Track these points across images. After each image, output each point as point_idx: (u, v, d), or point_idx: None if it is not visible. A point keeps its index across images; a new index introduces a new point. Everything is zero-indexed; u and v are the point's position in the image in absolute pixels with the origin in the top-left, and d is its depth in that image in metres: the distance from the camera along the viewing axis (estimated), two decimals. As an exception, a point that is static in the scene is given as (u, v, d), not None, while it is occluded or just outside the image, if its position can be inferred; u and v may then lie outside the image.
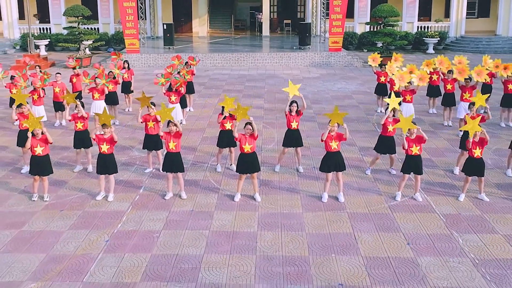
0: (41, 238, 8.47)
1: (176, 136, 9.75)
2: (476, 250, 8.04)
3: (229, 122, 11.06)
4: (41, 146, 9.76)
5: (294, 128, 11.14)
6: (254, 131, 9.56)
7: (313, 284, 7.15)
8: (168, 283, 7.19)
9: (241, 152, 9.67)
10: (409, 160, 9.72)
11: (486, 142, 9.72)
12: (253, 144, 9.67)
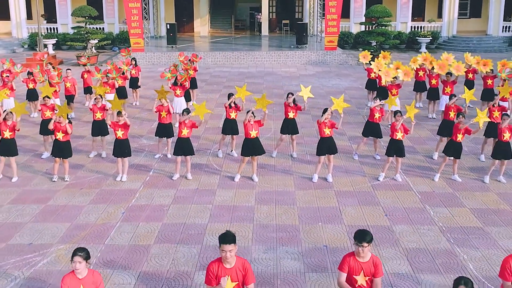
0: (65, 211, 9.69)
1: (190, 124, 10.92)
2: (444, 220, 9.26)
3: (234, 112, 12.29)
4: (62, 132, 10.99)
5: (291, 118, 12.37)
6: (262, 119, 10.80)
7: (302, 246, 8.37)
8: (177, 245, 8.41)
9: (247, 137, 10.85)
10: (393, 144, 10.95)
11: (469, 132, 10.86)
12: (258, 130, 10.89)
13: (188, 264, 7.85)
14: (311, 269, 7.69)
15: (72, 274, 5.41)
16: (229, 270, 5.28)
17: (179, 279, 7.45)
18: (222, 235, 5.27)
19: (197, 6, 35.29)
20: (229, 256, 5.23)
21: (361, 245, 5.37)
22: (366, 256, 5.46)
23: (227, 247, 5.18)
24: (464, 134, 10.86)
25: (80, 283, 5.36)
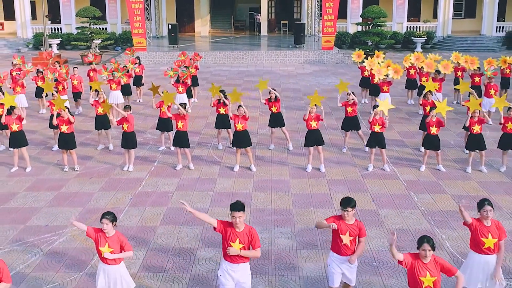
0: (77, 197, 10.49)
1: (183, 117, 11.72)
2: (427, 205, 10.06)
3: (223, 108, 13.08)
4: (66, 125, 11.77)
5: (274, 112, 13.18)
6: (245, 113, 11.56)
7: (295, 227, 9.16)
8: (181, 226, 9.21)
9: (235, 130, 11.67)
10: (373, 136, 11.77)
11: (443, 124, 11.69)
12: (245, 123, 11.65)
13: (191, 242, 8.65)
14: (303, 247, 8.49)
15: (101, 232, 6.24)
16: (239, 233, 6.08)
17: (183, 255, 8.25)
18: (233, 204, 6.09)
19: (198, 6, 36.10)
20: (238, 222, 6.03)
21: (346, 209, 6.16)
22: (351, 219, 6.25)
23: (237, 213, 6.00)
24: (438, 127, 11.63)
25: (106, 240, 6.17)
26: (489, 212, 6.34)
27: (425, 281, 5.54)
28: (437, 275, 5.55)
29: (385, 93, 15.91)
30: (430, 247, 5.51)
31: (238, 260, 6.14)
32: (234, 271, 6.16)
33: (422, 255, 5.55)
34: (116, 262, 6.31)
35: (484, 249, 6.40)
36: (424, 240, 5.57)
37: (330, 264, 6.52)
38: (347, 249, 6.34)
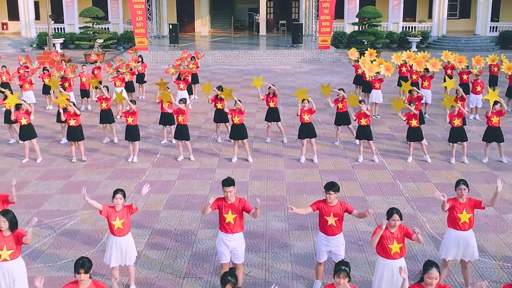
0: (86, 185, 11.11)
1: (183, 112, 12.47)
2: (411, 192, 10.82)
3: (220, 103, 13.82)
4: (73, 119, 12.52)
5: (272, 107, 13.92)
6: (241, 108, 12.31)
7: (288, 212, 9.89)
8: (183, 210, 9.96)
9: (232, 123, 12.42)
10: (360, 129, 12.54)
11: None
12: (241, 117, 12.39)
13: (192, 224, 9.41)
14: (295, 228, 9.25)
15: (112, 208, 6.97)
16: (230, 205, 6.90)
17: (184, 235, 9.00)
18: (224, 180, 6.88)
19: (198, 7, 36.87)
20: (229, 196, 6.83)
21: (329, 192, 6.90)
22: (333, 201, 6.98)
23: (228, 188, 6.80)
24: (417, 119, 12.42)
25: (117, 214, 6.92)
26: (464, 190, 7.11)
27: (392, 248, 6.31)
28: (402, 242, 6.33)
29: (377, 90, 16.65)
30: (398, 217, 6.28)
31: (233, 230, 6.93)
32: (229, 240, 6.95)
33: (392, 224, 6.32)
34: (125, 232, 7.06)
35: (460, 225, 7.13)
36: (393, 211, 6.32)
37: (318, 243, 7.24)
38: (333, 229, 7.05)
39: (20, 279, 6.43)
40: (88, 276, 5.38)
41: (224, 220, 7.01)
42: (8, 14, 36.90)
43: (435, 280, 5.31)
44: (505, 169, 12.19)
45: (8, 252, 6.28)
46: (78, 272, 5.30)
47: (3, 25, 36.94)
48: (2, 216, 6.24)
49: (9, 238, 6.29)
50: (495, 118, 12.41)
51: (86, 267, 5.35)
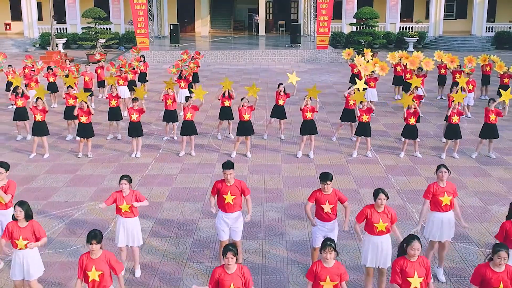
0: (92, 179, 11.78)
1: (193, 108, 13.02)
2: (402, 185, 11.35)
3: (227, 101, 14.35)
4: (85, 116, 13.07)
5: (280, 104, 14.45)
6: (253, 105, 12.87)
7: (284, 202, 10.45)
8: (185, 202, 10.50)
9: (241, 120, 12.93)
10: (360, 125, 13.04)
11: (417, 113, 12.99)
12: (250, 114, 12.94)
13: (193, 214, 9.94)
14: (290, 218, 9.78)
15: (120, 193, 7.51)
16: (230, 187, 7.47)
17: (186, 224, 9.54)
18: (224, 163, 7.47)
19: (198, 7, 37.43)
20: (229, 178, 7.42)
21: (325, 183, 7.43)
22: (328, 190, 7.50)
23: (228, 171, 7.38)
24: (416, 118, 12.95)
25: (124, 199, 7.45)
26: (444, 173, 7.66)
27: (378, 226, 6.86)
28: (388, 221, 6.88)
29: (372, 89, 17.18)
30: (384, 196, 6.84)
31: (232, 209, 7.53)
32: (229, 218, 7.56)
33: (378, 204, 6.88)
34: (134, 215, 7.59)
35: (442, 207, 7.67)
36: (379, 191, 6.88)
37: (314, 229, 7.75)
38: (329, 216, 7.57)
39: (35, 265, 6.94)
40: (100, 246, 5.92)
41: (223, 201, 7.58)
42: (11, 15, 37.44)
43: (417, 251, 5.85)
44: (493, 164, 12.74)
45: (24, 242, 6.78)
46: (91, 243, 5.85)
47: (6, 26, 37.48)
48: (18, 206, 6.74)
49: (25, 228, 6.79)
50: (493, 115, 12.93)
51: (98, 238, 5.91)
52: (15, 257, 6.82)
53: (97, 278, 5.93)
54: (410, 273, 5.90)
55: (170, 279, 7.81)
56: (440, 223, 7.73)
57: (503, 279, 5.80)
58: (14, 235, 6.70)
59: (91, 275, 5.91)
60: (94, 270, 5.91)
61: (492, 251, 5.86)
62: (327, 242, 5.89)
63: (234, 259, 5.69)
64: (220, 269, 5.76)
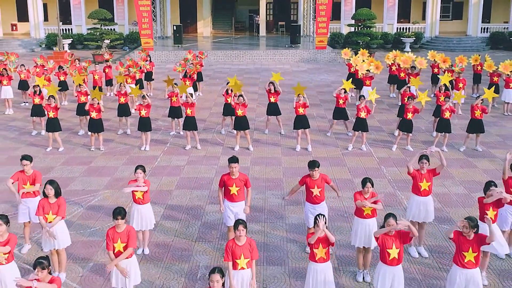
0: (105, 170, 12.67)
1: (192, 105, 13.89)
2: (393, 175, 12.24)
3: (230, 98, 15.23)
4: (96, 112, 13.95)
5: (272, 102, 15.33)
6: (244, 101, 13.73)
7: (284, 190, 11.34)
8: (192, 190, 11.39)
9: (236, 115, 13.83)
10: (358, 121, 13.93)
11: (418, 111, 13.86)
12: (244, 110, 13.81)
13: (201, 201, 10.83)
14: (289, 204, 10.67)
15: (135, 181, 8.36)
16: (235, 179, 8.32)
17: (194, 209, 10.43)
18: (230, 158, 8.35)
19: (200, 9, 38.33)
20: (235, 171, 8.27)
21: (313, 169, 8.32)
22: (316, 175, 8.40)
23: (233, 164, 8.24)
24: (414, 113, 13.83)
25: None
26: (425, 164, 8.58)
27: (365, 210, 7.76)
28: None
29: (368, 87, 18.06)
30: (370, 185, 7.72)
31: (237, 199, 8.39)
32: (234, 207, 8.41)
33: (365, 191, 7.76)
34: (145, 202, 8.47)
35: (421, 192, 8.60)
36: (366, 180, 7.76)
37: (306, 211, 8.64)
38: (318, 198, 8.48)
39: (64, 237, 7.85)
40: (124, 221, 6.80)
41: (229, 192, 8.45)
42: (17, 16, 38.31)
43: (393, 226, 6.74)
44: (479, 156, 13.63)
45: (53, 216, 7.68)
46: (117, 218, 6.72)
47: (13, 26, 38.34)
48: (49, 185, 7.65)
49: (54, 204, 7.70)
50: (478, 111, 13.82)
51: (122, 214, 6.79)
52: (44, 231, 7.71)
53: (122, 250, 6.79)
54: (389, 245, 6.78)
55: (182, 255, 8.69)
56: (419, 205, 8.65)
57: (472, 246, 6.75)
58: (45, 210, 7.61)
59: (117, 247, 6.78)
60: (119, 242, 6.78)
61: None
62: (319, 215, 6.79)
63: (245, 231, 6.59)
64: (231, 242, 6.66)
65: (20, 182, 8.66)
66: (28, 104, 19.22)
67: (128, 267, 6.84)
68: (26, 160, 8.74)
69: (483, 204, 7.92)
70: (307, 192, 8.52)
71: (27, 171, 8.69)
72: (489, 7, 37.37)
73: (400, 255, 6.82)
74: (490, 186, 8.00)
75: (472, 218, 6.75)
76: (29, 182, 8.67)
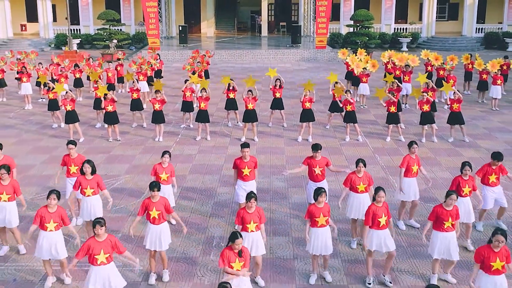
0: (123, 158, 13.89)
1: (206, 99, 15.12)
2: (386, 162, 13.47)
3: (232, 93, 16.44)
4: (110, 105, 15.17)
5: (277, 97, 16.56)
6: (255, 96, 14.97)
7: (286, 175, 12.55)
8: (204, 175, 12.62)
9: (246, 108, 15.05)
10: (347, 114, 15.18)
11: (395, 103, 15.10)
12: (254, 104, 15.05)
13: (213, 184, 12.07)
14: (292, 186, 11.91)
15: (160, 164, 9.57)
16: (246, 162, 9.57)
17: (207, 191, 11.67)
18: (242, 143, 9.65)
19: (204, 10, 39.59)
20: (246, 155, 9.57)
21: (316, 151, 9.56)
22: (318, 157, 9.64)
23: (246, 149, 9.55)
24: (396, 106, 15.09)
25: (163, 169, 9.53)
26: (415, 148, 9.81)
27: (359, 188, 8.98)
28: (366, 183, 8.98)
29: (364, 83, 19.28)
30: (363, 165, 8.94)
31: (248, 179, 9.61)
32: (246, 186, 9.62)
33: (358, 170, 8.98)
34: (169, 183, 9.68)
35: (412, 174, 9.88)
36: (359, 161, 8.98)
37: (309, 189, 9.88)
38: (319, 177, 9.75)
39: (100, 210, 9.11)
40: (159, 193, 8.01)
41: (242, 173, 9.68)
42: (27, 17, 39.57)
43: (383, 198, 7.92)
44: (465, 146, 14.85)
45: (91, 190, 8.92)
46: (153, 190, 7.92)
47: (22, 27, 39.61)
48: (87, 163, 8.90)
49: (92, 180, 8.94)
50: (455, 104, 15.05)
51: (158, 186, 7.99)
52: (83, 203, 8.96)
53: (157, 216, 8.00)
54: (379, 215, 7.99)
55: (198, 228, 9.93)
56: (409, 186, 9.89)
57: (451, 215, 7.92)
58: (83, 185, 8.85)
59: (152, 214, 7.98)
60: (155, 210, 7.98)
61: (446, 195, 7.97)
62: (321, 188, 8.02)
63: (255, 203, 7.80)
64: (243, 210, 7.88)
65: (68, 164, 10.01)
66: (45, 100, 20.47)
67: (163, 232, 8.05)
68: (71, 144, 10.11)
69: (462, 181, 9.10)
70: (310, 171, 9.76)
71: (72, 154, 9.97)
72: (484, 8, 38.60)
73: (387, 222, 8.03)
74: (465, 166, 9.17)
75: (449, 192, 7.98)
76: (74, 164, 9.92)
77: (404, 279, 8.33)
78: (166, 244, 8.20)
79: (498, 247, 6.82)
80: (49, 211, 7.84)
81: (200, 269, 8.60)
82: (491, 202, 9.84)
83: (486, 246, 6.99)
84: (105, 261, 6.99)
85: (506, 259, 6.88)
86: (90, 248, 6.94)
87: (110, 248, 7.03)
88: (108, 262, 7.05)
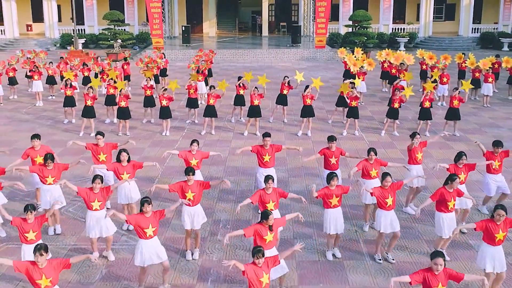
0: (134, 150, 14.70)
1: (215, 95, 15.98)
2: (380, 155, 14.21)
3: (242, 90, 17.29)
4: (124, 101, 16.02)
5: (284, 94, 17.42)
6: (262, 93, 15.85)
7: (287, 166, 13.42)
8: (210, 166, 13.48)
9: (251, 104, 15.90)
10: (350, 109, 16.01)
11: (403, 101, 15.95)
12: (260, 100, 15.91)
13: (218, 174, 12.93)
14: (292, 176, 12.76)
15: (189, 152, 10.47)
16: (267, 150, 10.54)
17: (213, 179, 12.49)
18: (264, 133, 10.69)
19: (206, 10, 40.45)
20: (267, 144, 10.51)
21: (332, 142, 10.54)
22: (333, 147, 10.59)
23: (267, 138, 10.54)
24: (399, 103, 15.92)
25: (193, 156, 10.39)
26: (419, 138, 10.75)
27: (371, 173, 9.93)
28: (378, 168, 9.87)
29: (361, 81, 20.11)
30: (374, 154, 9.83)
31: (268, 165, 10.58)
32: (266, 172, 10.41)
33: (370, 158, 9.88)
34: (199, 168, 10.56)
35: (417, 161, 10.88)
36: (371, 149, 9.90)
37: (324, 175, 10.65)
38: (335, 166, 10.75)
39: (136, 192, 10.14)
40: (193, 177, 8.81)
41: (262, 160, 10.64)
42: (32, 17, 40.43)
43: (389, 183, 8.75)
44: (456, 140, 15.72)
45: (127, 175, 9.80)
46: (189, 175, 8.78)
47: (28, 27, 40.45)
48: (124, 152, 9.87)
49: (127, 167, 9.88)
50: (456, 101, 15.90)
51: (193, 171, 8.85)
52: (120, 189, 9.90)
53: (192, 198, 8.83)
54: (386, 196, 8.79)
55: (206, 212, 10.61)
56: (416, 172, 10.78)
57: (453, 197, 8.78)
58: (120, 171, 9.78)
59: (188, 195, 8.79)
60: (190, 192, 8.81)
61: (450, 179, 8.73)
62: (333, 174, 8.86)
63: (273, 184, 8.65)
64: (262, 191, 8.71)
65: (95, 153, 11.05)
66: (54, 98, 21.35)
67: (196, 213, 8.95)
68: (100, 135, 11.07)
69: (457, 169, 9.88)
70: (326, 161, 10.80)
71: (100, 144, 10.89)
72: (480, 9, 39.44)
73: (393, 202, 8.88)
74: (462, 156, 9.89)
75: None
76: (102, 152, 10.84)
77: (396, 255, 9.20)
78: (199, 224, 9.07)
79: (499, 220, 7.64)
80: (94, 192, 8.73)
81: (209, 247, 9.47)
82: (494, 190, 10.65)
83: (489, 219, 7.78)
84: (152, 234, 7.86)
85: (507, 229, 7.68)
86: (138, 223, 7.75)
87: (156, 222, 7.90)
88: (155, 235, 7.91)
